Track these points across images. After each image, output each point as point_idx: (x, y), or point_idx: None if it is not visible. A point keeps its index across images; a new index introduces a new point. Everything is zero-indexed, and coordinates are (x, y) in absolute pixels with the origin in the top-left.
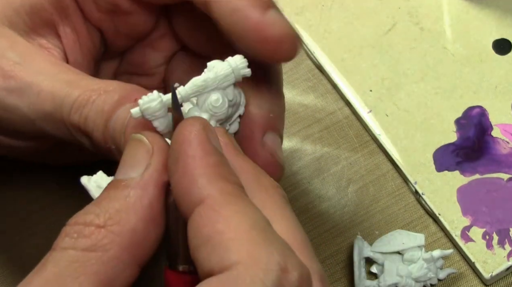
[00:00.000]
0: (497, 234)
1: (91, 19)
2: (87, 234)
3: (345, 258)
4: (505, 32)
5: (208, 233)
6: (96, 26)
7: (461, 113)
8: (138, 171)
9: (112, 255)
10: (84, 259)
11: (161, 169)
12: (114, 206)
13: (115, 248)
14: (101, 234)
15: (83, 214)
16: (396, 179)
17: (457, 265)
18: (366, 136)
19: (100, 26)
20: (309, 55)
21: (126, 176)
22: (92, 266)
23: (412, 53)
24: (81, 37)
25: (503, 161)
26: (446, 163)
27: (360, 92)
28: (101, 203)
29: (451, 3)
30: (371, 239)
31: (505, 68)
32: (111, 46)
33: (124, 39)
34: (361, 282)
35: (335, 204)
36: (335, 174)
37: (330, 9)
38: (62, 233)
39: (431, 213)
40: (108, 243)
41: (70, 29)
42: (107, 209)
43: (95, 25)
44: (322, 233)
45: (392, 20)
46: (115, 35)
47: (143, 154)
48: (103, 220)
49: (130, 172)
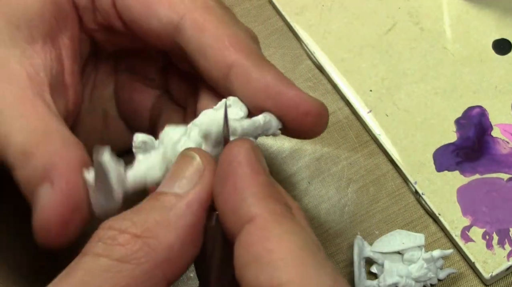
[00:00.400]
0: (497, 234)
1: (86, 27)
2: (122, 242)
3: (345, 258)
4: (505, 32)
5: (257, 251)
6: (90, 34)
7: (461, 113)
8: (185, 187)
9: (145, 270)
10: (116, 270)
11: (209, 190)
12: (154, 217)
13: (150, 262)
14: (137, 245)
15: (120, 219)
16: (396, 179)
17: (457, 265)
18: (366, 136)
19: (94, 35)
20: (309, 55)
21: (171, 189)
22: (123, 278)
23: (412, 53)
24: (76, 44)
25: (503, 161)
26: (446, 163)
27: (360, 92)
28: (140, 212)
29: (451, 3)
30: (371, 239)
31: (505, 68)
32: (103, 49)
33: (116, 47)
34: (361, 282)
35: (335, 204)
36: (335, 174)
37: (330, 9)
38: (95, 237)
39: (431, 213)
40: (143, 256)
41: (68, 39)
42: (146, 219)
43: (89, 33)
44: (322, 233)
45: (392, 20)
46: (107, 44)
47: (193, 171)
48: (140, 230)
49: (177, 187)
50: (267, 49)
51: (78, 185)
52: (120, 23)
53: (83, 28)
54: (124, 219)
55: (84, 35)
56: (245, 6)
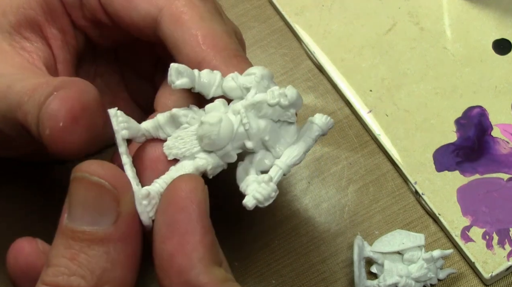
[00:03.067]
0: (497, 234)
1: (77, 24)
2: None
3: (345, 258)
4: (505, 32)
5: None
6: (82, 30)
7: (461, 113)
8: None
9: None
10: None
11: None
12: (98, 264)
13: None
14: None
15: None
16: (396, 179)
17: (457, 265)
18: (366, 136)
19: (85, 30)
20: (309, 55)
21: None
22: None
23: (412, 53)
24: (68, 37)
25: (503, 161)
26: (446, 163)
27: (360, 92)
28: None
29: (451, 3)
30: (371, 239)
31: (505, 68)
32: (97, 45)
33: (109, 43)
34: (361, 282)
35: (335, 204)
36: (335, 174)
37: (330, 9)
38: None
39: (431, 213)
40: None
41: (57, 30)
42: (92, 269)
43: (81, 29)
44: (322, 233)
45: (392, 20)
46: (100, 40)
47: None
48: (93, 283)
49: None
50: (267, 49)
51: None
52: (106, 17)
53: (74, 23)
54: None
55: (76, 31)
56: (245, 6)
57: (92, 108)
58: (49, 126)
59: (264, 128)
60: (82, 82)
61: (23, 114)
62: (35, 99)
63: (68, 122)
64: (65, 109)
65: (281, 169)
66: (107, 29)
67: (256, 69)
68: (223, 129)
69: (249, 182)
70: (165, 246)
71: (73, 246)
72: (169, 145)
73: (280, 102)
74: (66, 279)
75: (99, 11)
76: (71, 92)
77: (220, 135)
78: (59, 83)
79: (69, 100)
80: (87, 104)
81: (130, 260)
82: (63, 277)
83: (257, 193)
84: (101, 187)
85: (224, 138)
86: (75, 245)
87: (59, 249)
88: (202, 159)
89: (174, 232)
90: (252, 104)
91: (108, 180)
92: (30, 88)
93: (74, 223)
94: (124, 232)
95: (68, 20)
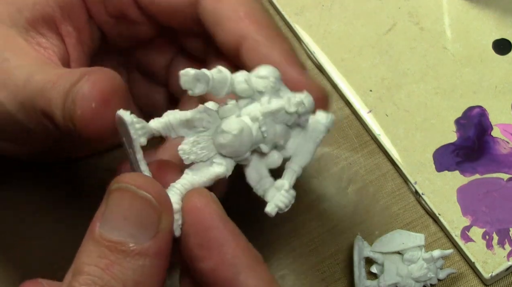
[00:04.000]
0: (497, 234)
1: (97, 20)
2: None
3: (345, 258)
4: (505, 32)
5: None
6: (100, 26)
7: (461, 113)
8: (148, 235)
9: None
10: None
11: (170, 234)
12: (132, 277)
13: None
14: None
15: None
16: (396, 179)
17: (457, 265)
18: (366, 136)
19: (103, 27)
20: (309, 55)
21: (134, 239)
22: None
23: (412, 53)
24: (83, 35)
25: (503, 161)
26: (446, 163)
27: (360, 92)
28: (113, 272)
29: (451, 3)
30: (371, 239)
31: (505, 68)
32: (112, 43)
33: (125, 41)
34: (361, 282)
35: (335, 204)
36: (335, 174)
37: (330, 9)
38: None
39: (431, 213)
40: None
41: (72, 27)
42: (125, 281)
43: (99, 26)
44: (322, 233)
45: (392, 20)
46: (117, 37)
47: (152, 216)
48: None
49: (138, 234)
50: None
51: (116, 77)
52: (135, 9)
53: (93, 20)
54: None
55: (94, 28)
56: None
57: (121, 92)
58: (81, 106)
59: (280, 133)
60: (109, 69)
61: (47, 101)
62: (60, 85)
63: (100, 104)
64: (97, 90)
65: (296, 173)
66: (129, 24)
67: (267, 71)
68: (245, 138)
69: (267, 187)
70: (204, 264)
71: (108, 256)
72: (186, 150)
73: (298, 110)
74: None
75: (128, 2)
76: (102, 75)
77: (242, 144)
78: (86, 70)
79: (101, 82)
80: (117, 87)
81: (160, 276)
82: (95, 286)
83: (280, 201)
84: (147, 201)
85: (246, 146)
86: (111, 256)
87: (91, 257)
88: (221, 165)
89: (210, 250)
90: (270, 112)
91: (154, 195)
92: (53, 76)
93: (112, 233)
94: (160, 248)
95: (85, 17)
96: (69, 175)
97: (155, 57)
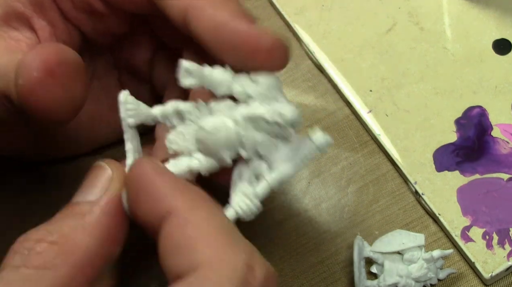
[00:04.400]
0: (497, 234)
1: (68, 16)
2: (39, 251)
3: (345, 258)
4: (505, 32)
5: (177, 240)
6: (74, 24)
7: (461, 113)
8: (97, 194)
9: (65, 274)
10: (36, 278)
11: (119, 194)
12: (68, 224)
13: (69, 266)
14: (54, 252)
15: (35, 230)
16: (396, 179)
17: (457, 265)
18: (366, 136)
19: (78, 24)
20: (309, 55)
21: (83, 199)
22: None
23: (412, 53)
24: (57, 31)
25: (503, 161)
26: (446, 163)
27: (360, 92)
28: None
29: (451, 3)
30: (371, 239)
31: (505, 68)
32: (92, 42)
33: (102, 37)
34: (361, 282)
35: (335, 204)
36: (335, 174)
37: (330, 9)
38: (11, 252)
39: (431, 213)
40: (61, 261)
41: (45, 22)
42: (61, 227)
43: (73, 23)
44: (322, 233)
45: (392, 20)
46: (93, 34)
47: (103, 179)
48: (56, 237)
49: (89, 195)
50: None
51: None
52: (99, 2)
53: (65, 16)
54: (39, 230)
55: (69, 25)
56: (245, 6)
57: (70, 66)
58: (23, 76)
59: (260, 141)
60: (61, 44)
61: (5, 81)
62: (15, 62)
63: (42, 74)
64: (39, 60)
65: (269, 185)
66: (100, 17)
67: (263, 77)
68: (220, 137)
69: (237, 190)
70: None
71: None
72: (171, 140)
73: (277, 121)
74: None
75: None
76: (48, 47)
77: (216, 143)
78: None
79: (45, 53)
80: (64, 60)
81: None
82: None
83: (239, 207)
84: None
85: (220, 145)
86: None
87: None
88: (196, 160)
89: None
90: (249, 117)
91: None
92: (16, 61)
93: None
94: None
95: (58, 13)
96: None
97: (136, 53)
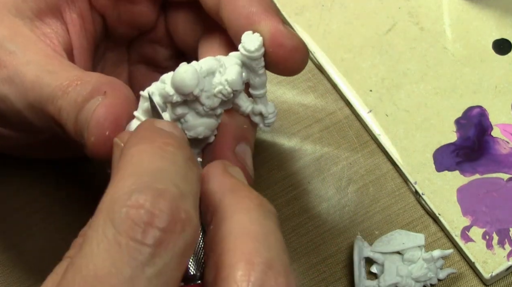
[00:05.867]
0: (497, 234)
1: (96, 4)
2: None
3: (345, 258)
4: (505, 32)
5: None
6: (100, 12)
7: (461, 113)
8: None
9: None
10: None
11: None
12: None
13: None
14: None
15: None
16: (396, 179)
17: (457, 265)
18: (366, 136)
19: (104, 12)
20: (309, 55)
21: None
22: None
23: (412, 53)
24: (86, 22)
25: (503, 161)
26: (446, 163)
27: (360, 92)
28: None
29: (451, 3)
30: (371, 239)
31: (505, 68)
32: (113, 33)
33: (126, 27)
34: (361, 282)
35: (335, 204)
36: (335, 174)
37: (330, 9)
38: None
39: (431, 213)
40: None
41: (76, 14)
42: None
43: (99, 11)
44: (322, 233)
45: (392, 20)
46: (117, 23)
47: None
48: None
49: None
50: None
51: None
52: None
53: (93, 4)
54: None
55: (95, 14)
56: None
57: (132, 109)
58: (95, 134)
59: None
60: (123, 87)
61: (56, 109)
62: (71, 97)
63: (113, 131)
64: (111, 118)
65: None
66: (128, 7)
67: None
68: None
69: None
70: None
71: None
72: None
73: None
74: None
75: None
76: (116, 99)
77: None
78: (97, 84)
79: (116, 108)
80: (130, 107)
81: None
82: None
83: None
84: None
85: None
86: None
87: None
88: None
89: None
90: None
91: None
92: (62, 82)
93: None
94: None
95: (87, 3)
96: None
97: (159, 49)
